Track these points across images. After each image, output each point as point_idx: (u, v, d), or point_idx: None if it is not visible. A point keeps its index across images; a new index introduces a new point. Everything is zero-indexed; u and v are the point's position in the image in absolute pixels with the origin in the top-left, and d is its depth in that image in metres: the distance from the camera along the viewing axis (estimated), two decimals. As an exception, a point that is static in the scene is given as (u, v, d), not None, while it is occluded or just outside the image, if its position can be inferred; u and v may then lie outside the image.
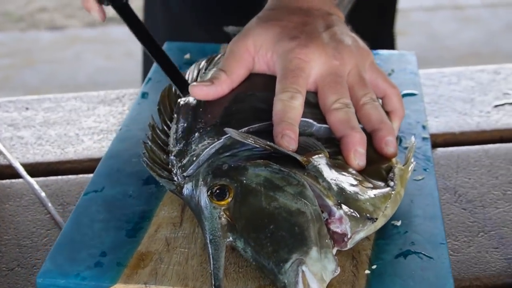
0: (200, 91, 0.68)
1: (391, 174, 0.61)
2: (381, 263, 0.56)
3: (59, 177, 0.77)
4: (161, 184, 0.63)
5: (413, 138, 0.66)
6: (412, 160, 0.63)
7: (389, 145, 0.64)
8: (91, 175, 0.68)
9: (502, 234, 0.65)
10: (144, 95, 0.81)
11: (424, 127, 0.74)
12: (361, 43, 0.72)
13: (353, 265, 0.56)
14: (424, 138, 0.72)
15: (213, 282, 0.52)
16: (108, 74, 2.98)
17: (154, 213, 0.62)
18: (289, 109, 0.63)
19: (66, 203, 0.73)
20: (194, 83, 0.69)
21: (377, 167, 0.62)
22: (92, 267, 0.56)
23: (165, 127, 0.69)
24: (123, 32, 3.22)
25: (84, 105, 0.90)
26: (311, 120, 0.65)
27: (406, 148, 0.69)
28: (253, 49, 0.70)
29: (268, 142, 0.59)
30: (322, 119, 0.66)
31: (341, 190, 0.57)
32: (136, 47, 1.17)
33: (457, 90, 0.89)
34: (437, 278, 0.54)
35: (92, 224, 0.61)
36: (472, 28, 3.16)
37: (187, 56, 0.88)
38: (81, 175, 0.77)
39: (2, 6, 3.41)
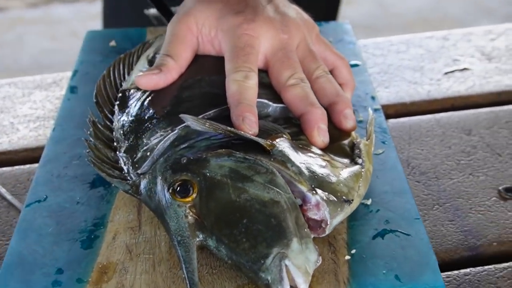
0: (150, 80, 0.63)
1: (357, 151, 0.59)
2: (360, 246, 0.53)
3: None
4: (112, 185, 0.58)
5: (370, 111, 0.63)
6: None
7: (348, 118, 0.61)
8: (28, 166, 0.62)
9: (457, 205, 0.64)
10: (72, 89, 0.74)
11: (373, 98, 0.72)
12: (305, 15, 0.69)
13: (331, 251, 0.53)
14: (376, 109, 0.70)
15: (189, 287, 0.47)
16: (53, 55, 2.83)
17: (107, 218, 0.57)
18: (244, 89, 0.59)
19: (0, 197, 0.66)
20: (140, 73, 0.64)
21: (339, 144, 0.59)
22: (49, 287, 0.51)
23: (107, 122, 0.63)
24: (67, 11, 3.12)
25: (19, 91, 0.83)
26: (266, 101, 0.61)
27: (360, 121, 0.67)
28: (196, 28, 0.65)
29: (229, 128, 0.55)
30: (276, 98, 0.62)
31: (313, 173, 0.53)
32: (81, 27, 1.10)
33: (406, 59, 0.87)
34: (419, 256, 0.52)
35: (41, 239, 0.55)
36: None
37: (112, 43, 0.82)
38: (17, 167, 0.70)
39: None
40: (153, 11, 0.82)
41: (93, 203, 0.59)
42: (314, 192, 0.52)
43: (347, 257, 0.52)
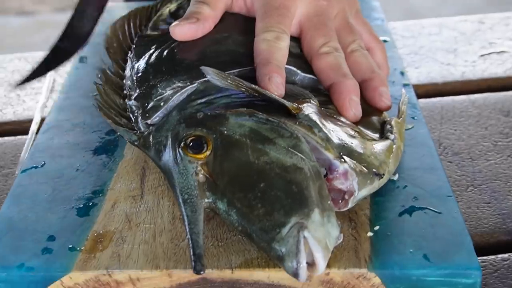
0: (187, 30, 0.57)
1: (388, 127, 0.53)
2: (384, 223, 0.48)
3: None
4: (117, 135, 0.52)
5: (403, 90, 0.58)
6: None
7: (383, 96, 0.55)
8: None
9: (494, 187, 0.58)
10: (82, 59, 0.70)
11: (402, 73, 0.66)
12: None
13: (352, 227, 0.47)
14: (405, 85, 0.64)
15: (193, 250, 0.42)
16: (78, 57, 2.85)
17: (108, 186, 0.52)
18: (275, 49, 0.53)
19: (0, 166, 0.61)
20: (176, 22, 0.58)
21: (369, 119, 0.54)
22: (38, 254, 0.46)
23: (118, 70, 0.58)
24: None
25: (29, 65, 0.79)
26: (294, 68, 0.56)
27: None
28: None
29: (253, 85, 0.49)
30: (306, 68, 0.57)
31: (341, 141, 0.48)
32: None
33: (438, 41, 0.81)
34: (452, 235, 0.46)
35: (35, 205, 0.50)
36: (451, 2, 3.10)
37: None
38: (19, 137, 0.66)
39: None
40: None
41: (94, 171, 0.54)
42: (342, 160, 0.46)
43: (370, 234, 0.47)
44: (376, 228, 0.47)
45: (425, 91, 0.72)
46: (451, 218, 0.48)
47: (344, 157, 0.46)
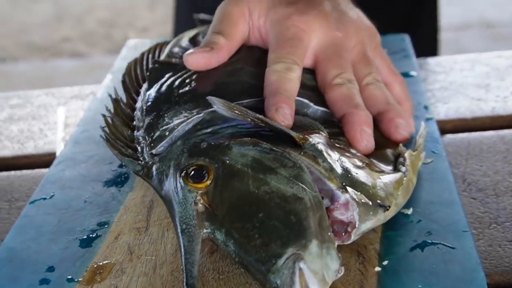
0: (200, 59, 0.56)
1: (401, 159, 0.51)
2: (394, 258, 0.45)
3: (12, 172, 0.65)
4: (124, 165, 0.51)
5: (423, 123, 0.56)
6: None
7: (399, 128, 0.54)
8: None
9: (519, 225, 0.55)
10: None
11: (426, 107, 0.64)
12: (367, 21, 0.62)
13: (360, 262, 0.45)
14: (428, 119, 0.62)
15: (186, 280, 0.41)
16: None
17: (114, 218, 0.51)
18: (285, 80, 0.52)
19: (14, 199, 0.61)
20: (190, 50, 0.58)
21: (383, 152, 0.52)
22: (36, 285, 0.45)
23: (130, 101, 0.58)
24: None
25: (55, 100, 0.80)
26: (307, 101, 0.54)
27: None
28: (247, 13, 0.59)
29: (259, 115, 0.48)
30: (320, 101, 0.55)
31: (346, 171, 0.46)
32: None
33: (470, 76, 0.78)
34: (464, 272, 0.44)
35: (38, 236, 0.50)
36: (502, 45, 3.06)
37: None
38: (36, 170, 0.66)
39: (28, 37, 3.35)
40: (203, 15, 0.77)
41: (102, 203, 0.53)
42: (344, 190, 0.45)
43: (377, 269, 0.44)
44: (385, 263, 0.45)
45: (453, 126, 0.70)
46: (465, 254, 0.45)
47: (347, 187, 0.45)
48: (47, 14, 3.35)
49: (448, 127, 0.70)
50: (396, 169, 0.50)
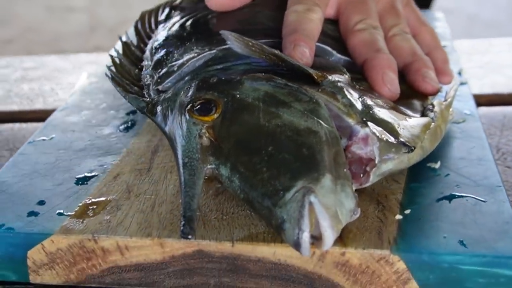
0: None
1: (430, 106, 0.47)
2: (417, 207, 0.41)
3: (17, 124, 0.62)
4: (127, 101, 0.47)
5: (456, 76, 0.52)
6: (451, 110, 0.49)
7: (427, 77, 0.49)
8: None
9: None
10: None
11: (459, 73, 0.60)
12: None
13: (379, 210, 0.41)
14: (461, 83, 0.58)
15: (183, 212, 0.36)
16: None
17: (115, 159, 0.47)
18: (305, 20, 0.48)
19: (16, 148, 0.57)
20: None
21: (411, 101, 0.48)
22: (23, 216, 0.41)
23: (141, 44, 0.54)
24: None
25: (69, 65, 0.77)
26: (329, 48, 0.50)
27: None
28: None
29: (276, 51, 0.44)
30: (343, 51, 0.51)
31: (367, 108, 0.42)
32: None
33: (507, 58, 0.74)
34: (496, 224, 0.39)
35: (33, 172, 0.46)
36: None
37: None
38: (42, 123, 0.62)
39: (61, 45, 3.37)
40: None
41: (104, 145, 0.50)
42: (364, 124, 0.40)
43: (398, 217, 0.40)
44: (407, 211, 0.40)
45: (488, 100, 0.65)
46: (497, 207, 0.41)
47: (368, 122, 0.40)
48: (81, 24, 3.36)
49: (482, 100, 0.65)
50: (423, 115, 0.46)
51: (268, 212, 0.36)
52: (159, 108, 0.44)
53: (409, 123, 0.43)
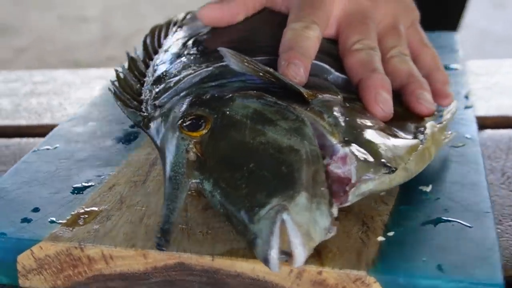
0: (210, 11, 0.55)
1: (421, 128, 0.47)
2: (401, 230, 0.41)
3: (24, 139, 0.64)
4: (125, 115, 0.48)
5: (455, 101, 0.52)
6: (450, 132, 0.49)
7: (422, 99, 0.49)
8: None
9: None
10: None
11: (466, 97, 0.60)
12: None
13: (362, 231, 0.41)
14: (466, 107, 0.57)
15: (161, 225, 0.37)
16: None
17: (113, 170, 0.49)
18: (301, 37, 0.49)
19: None
20: (203, 5, 0.56)
21: (404, 123, 0.48)
22: (16, 222, 0.43)
23: (147, 59, 0.56)
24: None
25: (78, 79, 0.78)
26: (328, 66, 0.51)
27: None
28: None
29: (270, 69, 0.45)
30: (341, 69, 0.52)
31: (352, 127, 0.43)
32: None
33: (514, 80, 0.74)
34: (478, 250, 0.39)
35: (32, 179, 0.48)
36: None
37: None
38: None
39: (73, 55, 3.43)
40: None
41: (104, 156, 0.51)
42: (345, 144, 0.41)
43: (381, 239, 0.40)
44: (390, 234, 0.41)
45: (493, 123, 0.65)
46: (482, 233, 0.41)
47: (350, 143, 0.41)
48: (94, 34, 3.39)
49: (488, 123, 0.65)
50: (414, 137, 0.46)
51: (243, 228, 0.37)
52: (153, 123, 0.45)
53: (394, 144, 0.43)
